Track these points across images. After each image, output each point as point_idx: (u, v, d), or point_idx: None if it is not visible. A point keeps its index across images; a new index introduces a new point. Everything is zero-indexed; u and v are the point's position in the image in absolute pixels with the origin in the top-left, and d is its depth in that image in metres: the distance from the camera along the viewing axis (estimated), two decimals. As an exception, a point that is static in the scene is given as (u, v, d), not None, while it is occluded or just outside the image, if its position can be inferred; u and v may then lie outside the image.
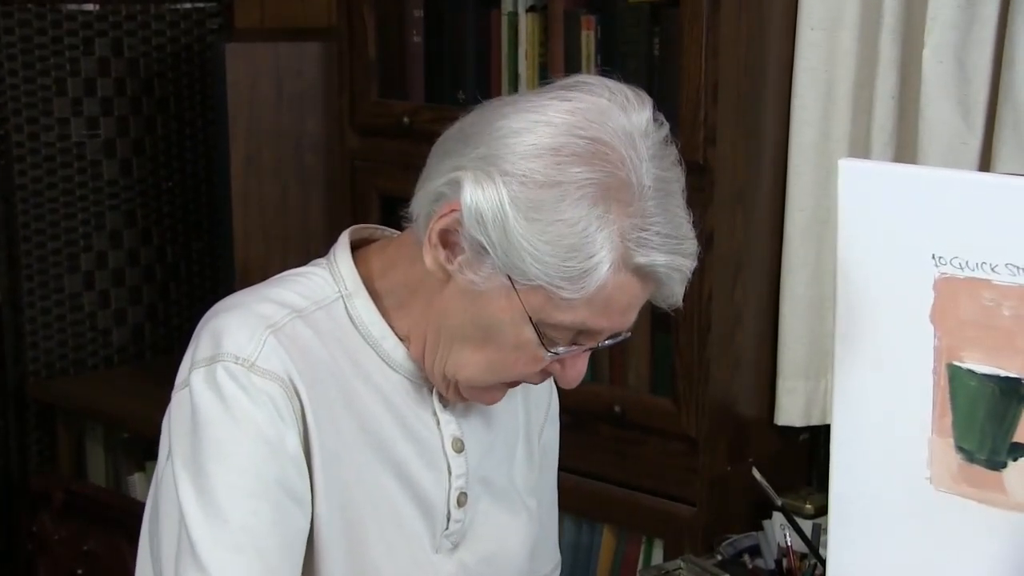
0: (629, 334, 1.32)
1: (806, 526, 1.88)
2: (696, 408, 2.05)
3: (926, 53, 1.91)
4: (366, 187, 2.40)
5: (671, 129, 2.06)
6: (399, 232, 1.39)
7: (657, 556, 2.17)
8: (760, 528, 1.99)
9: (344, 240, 1.37)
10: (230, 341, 1.26)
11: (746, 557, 1.97)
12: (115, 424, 2.96)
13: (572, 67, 2.14)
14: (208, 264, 3.25)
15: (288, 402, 1.25)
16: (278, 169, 2.70)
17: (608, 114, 1.23)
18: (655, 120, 1.26)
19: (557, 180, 1.20)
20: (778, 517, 1.95)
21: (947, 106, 1.92)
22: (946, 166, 1.88)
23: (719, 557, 1.96)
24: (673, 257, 1.25)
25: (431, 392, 1.36)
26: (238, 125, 2.67)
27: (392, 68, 2.42)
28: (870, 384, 1.43)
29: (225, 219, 2.72)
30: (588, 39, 2.14)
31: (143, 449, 2.94)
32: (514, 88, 2.25)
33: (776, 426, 2.15)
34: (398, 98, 2.39)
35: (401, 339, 1.34)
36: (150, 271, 3.17)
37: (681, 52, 1.99)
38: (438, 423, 1.36)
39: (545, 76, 2.18)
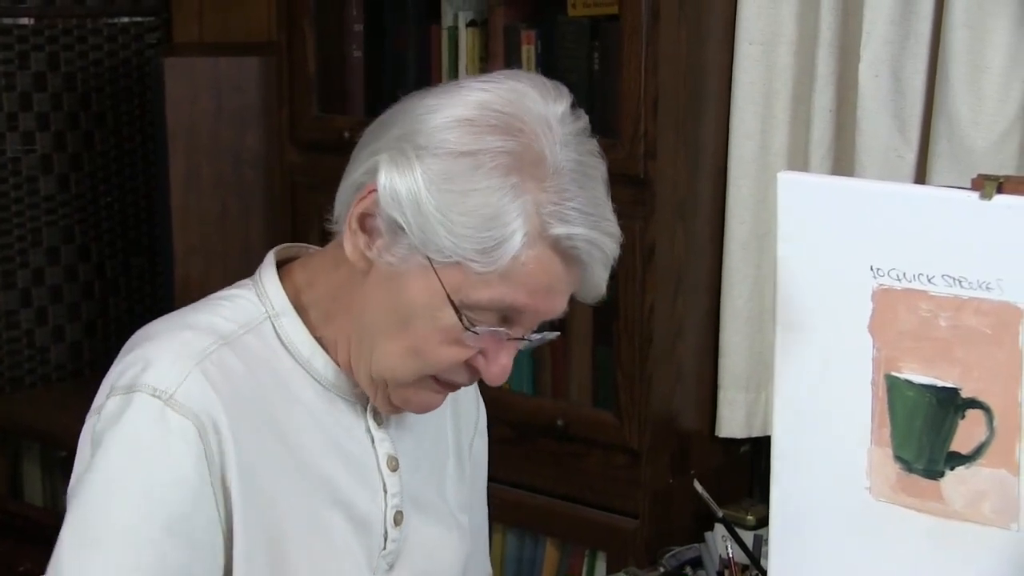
0: (558, 334, 1.29)
1: (748, 537, 1.90)
2: (638, 421, 2.05)
3: (862, 67, 1.94)
4: (306, 202, 2.39)
5: (611, 143, 2.06)
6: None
7: (600, 569, 2.17)
8: (702, 540, 2.00)
9: (270, 259, 1.35)
10: (151, 372, 1.22)
11: (688, 569, 1.97)
12: (52, 443, 2.93)
13: (513, 81, 2.14)
14: (148, 280, 3.22)
15: (200, 441, 1.21)
16: (218, 184, 2.68)
17: (525, 95, 1.23)
18: (573, 112, 1.25)
19: (470, 150, 1.19)
20: (720, 529, 1.95)
21: (883, 119, 1.94)
22: (883, 179, 1.90)
23: (661, 569, 1.97)
24: (592, 232, 1.21)
25: (365, 410, 1.34)
26: (177, 140, 2.65)
27: (332, 83, 2.41)
28: (810, 395, 1.44)
29: (164, 234, 2.70)
30: (529, 53, 2.15)
31: (81, 468, 2.91)
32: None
33: (718, 438, 2.16)
34: (338, 113, 2.38)
35: (332, 355, 1.31)
36: (89, 287, 3.14)
37: (621, 66, 2.00)
38: (372, 441, 1.34)
39: (486, 90, 2.18)
